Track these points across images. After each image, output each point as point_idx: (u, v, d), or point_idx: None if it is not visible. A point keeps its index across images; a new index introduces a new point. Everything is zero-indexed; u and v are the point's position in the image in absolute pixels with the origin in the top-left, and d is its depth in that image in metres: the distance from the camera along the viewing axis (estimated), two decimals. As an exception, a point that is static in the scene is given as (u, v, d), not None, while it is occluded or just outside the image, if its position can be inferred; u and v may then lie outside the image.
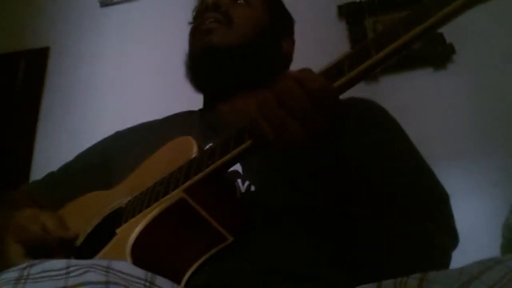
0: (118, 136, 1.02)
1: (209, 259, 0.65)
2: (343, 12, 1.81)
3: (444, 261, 0.72)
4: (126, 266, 0.49)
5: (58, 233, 0.74)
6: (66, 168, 1.02)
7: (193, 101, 1.07)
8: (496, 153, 1.49)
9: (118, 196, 0.80)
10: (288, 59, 1.05)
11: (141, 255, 0.61)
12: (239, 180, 0.76)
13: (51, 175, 1.03)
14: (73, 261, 0.46)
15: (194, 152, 0.71)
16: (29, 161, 1.93)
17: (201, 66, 0.94)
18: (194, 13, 1.04)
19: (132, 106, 1.91)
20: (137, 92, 1.94)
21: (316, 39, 1.71)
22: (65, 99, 2.03)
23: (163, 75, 1.92)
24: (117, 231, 0.69)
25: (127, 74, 1.99)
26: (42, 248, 0.73)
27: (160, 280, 0.50)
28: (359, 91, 1.14)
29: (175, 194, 0.64)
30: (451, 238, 0.74)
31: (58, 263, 0.45)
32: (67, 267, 0.44)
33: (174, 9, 2.03)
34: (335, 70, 0.58)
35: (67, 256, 0.74)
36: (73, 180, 0.98)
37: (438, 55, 1.63)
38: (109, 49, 2.08)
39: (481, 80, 1.60)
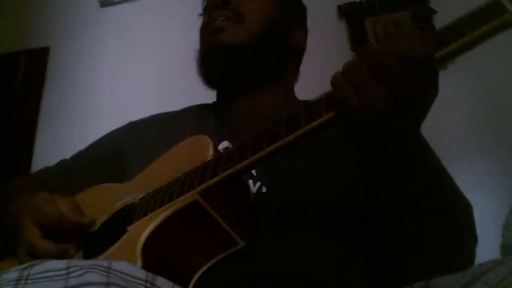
0: (132, 127, 1.02)
1: (219, 261, 0.65)
2: (343, 12, 1.81)
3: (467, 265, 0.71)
4: (126, 266, 0.49)
5: (75, 218, 0.74)
6: (79, 157, 1.02)
7: (193, 100, 1.06)
8: (496, 153, 1.49)
9: (131, 190, 0.79)
10: (301, 50, 1.03)
11: (152, 254, 0.61)
12: (250, 181, 0.76)
13: (63, 162, 1.03)
14: (73, 262, 0.46)
15: (210, 153, 0.70)
16: (29, 161, 1.93)
17: (213, 65, 0.93)
18: (204, 4, 1.02)
19: (132, 106, 1.90)
20: (137, 92, 1.94)
21: (316, 39, 1.70)
22: (65, 99, 2.03)
23: (163, 75, 1.92)
24: (128, 228, 0.69)
25: (127, 74, 1.99)
26: (58, 231, 0.74)
27: (160, 281, 0.50)
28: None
29: (189, 196, 0.64)
30: (475, 243, 0.73)
31: (58, 264, 0.45)
32: (67, 268, 0.44)
33: (174, 9, 2.03)
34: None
35: (80, 242, 0.75)
36: (85, 169, 0.98)
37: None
38: (109, 49, 2.07)
39: (481, 80, 1.60)
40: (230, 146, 0.68)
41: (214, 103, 1.02)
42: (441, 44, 0.51)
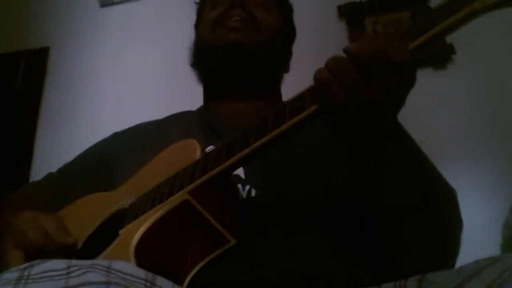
0: (117, 137, 1.02)
1: (213, 260, 0.65)
2: (343, 12, 1.81)
3: (457, 252, 0.73)
4: (126, 266, 0.49)
5: (59, 238, 0.73)
6: (66, 169, 1.02)
7: (194, 100, 1.06)
8: (496, 153, 1.49)
9: (120, 197, 0.79)
10: (286, 70, 1.06)
11: (145, 256, 0.61)
12: (239, 185, 0.76)
13: (50, 176, 1.02)
14: (74, 261, 0.46)
15: (198, 155, 0.71)
16: (29, 161, 1.93)
17: (221, 61, 0.93)
18: None
19: (132, 106, 1.91)
20: (137, 92, 1.94)
21: (316, 39, 1.71)
22: (65, 99, 2.03)
23: (163, 75, 1.92)
24: (120, 232, 0.69)
25: (127, 74, 1.99)
26: (42, 254, 0.71)
27: (160, 280, 0.50)
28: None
29: (180, 196, 0.64)
30: (461, 227, 0.75)
31: (58, 263, 0.45)
32: (68, 267, 0.44)
33: (174, 9, 2.03)
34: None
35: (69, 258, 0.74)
36: (73, 181, 0.97)
37: (438, 55, 1.63)
38: (109, 49, 2.07)
39: (481, 80, 1.60)
40: (218, 145, 0.68)
41: (198, 109, 1.02)
42: (414, 36, 0.55)
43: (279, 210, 0.74)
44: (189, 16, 1.12)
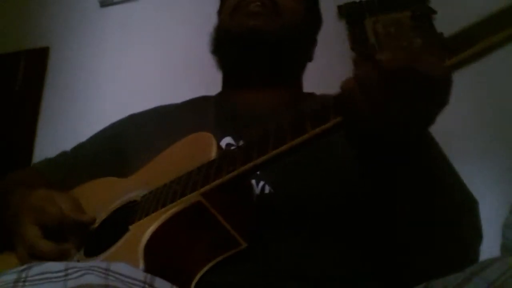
0: (133, 120, 1.01)
1: (221, 261, 0.65)
2: (343, 12, 1.81)
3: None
4: (125, 268, 0.49)
5: (75, 216, 0.73)
6: (80, 149, 1.01)
7: (193, 101, 1.06)
8: (496, 153, 1.49)
9: (132, 187, 0.79)
10: (310, 59, 1.03)
11: (153, 254, 0.60)
12: (253, 180, 0.75)
13: (64, 154, 1.02)
14: (72, 264, 0.46)
15: (213, 151, 0.69)
16: (29, 161, 1.93)
17: (241, 47, 0.91)
18: None
19: (132, 106, 1.90)
20: (137, 91, 1.94)
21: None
22: (65, 99, 2.03)
23: (163, 74, 1.92)
24: (130, 227, 0.68)
25: (127, 74, 1.99)
26: (58, 230, 0.73)
27: (159, 282, 0.50)
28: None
29: (192, 197, 0.63)
30: (481, 240, 0.73)
31: (56, 265, 0.45)
32: (66, 269, 0.44)
33: (174, 9, 2.03)
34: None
35: (81, 241, 0.74)
36: (86, 162, 0.97)
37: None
38: (109, 49, 2.07)
39: (481, 80, 1.60)
40: (234, 147, 0.67)
41: (216, 96, 1.01)
42: (453, 52, 0.49)
43: (290, 209, 0.73)
44: (189, 15, 1.12)
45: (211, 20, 1.08)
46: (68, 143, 1.95)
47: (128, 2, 2.14)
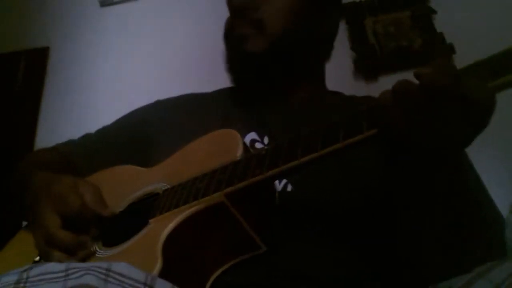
0: (160, 106, 1.01)
1: (238, 262, 0.65)
2: (343, 12, 1.80)
3: None
4: (126, 268, 0.49)
5: (96, 209, 0.74)
6: (104, 133, 1.01)
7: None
8: (496, 153, 1.49)
9: (154, 179, 0.78)
10: (333, 33, 1.00)
11: (172, 251, 0.60)
12: None
13: (88, 137, 1.02)
14: (72, 264, 0.46)
15: (239, 150, 0.69)
16: (29, 161, 1.93)
17: (240, 72, 0.92)
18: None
19: (132, 106, 1.90)
20: (137, 91, 1.94)
21: (316, 39, 1.71)
22: (65, 99, 2.03)
23: (163, 74, 1.91)
24: (151, 221, 0.68)
25: (127, 74, 1.99)
26: (78, 221, 0.73)
27: (160, 283, 0.50)
28: (359, 89, 1.14)
29: (216, 197, 0.63)
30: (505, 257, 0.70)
31: (57, 266, 0.45)
32: (66, 270, 0.45)
33: (174, 9, 2.03)
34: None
35: (99, 232, 0.74)
36: (110, 146, 0.97)
37: (438, 55, 1.62)
38: (109, 49, 2.07)
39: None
40: (262, 149, 0.66)
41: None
42: (496, 74, 0.47)
43: (308, 209, 0.73)
44: (189, 15, 1.12)
45: (210, 20, 1.08)
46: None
47: (128, 2, 2.14)
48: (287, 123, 0.85)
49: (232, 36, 0.91)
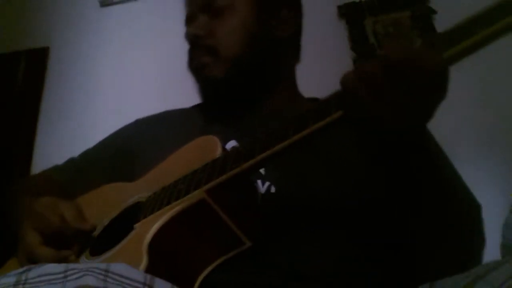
0: (141, 125, 1.02)
1: (226, 260, 0.65)
2: (343, 12, 1.80)
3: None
4: (125, 269, 0.49)
5: (76, 224, 0.74)
6: (87, 155, 1.02)
7: (193, 99, 1.06)
8: (496, 153, 1.49)
9: (139, 190, 0.79)
10: (295, 34, 0.99)
11: (158, 252, 0.61)
12: (259, 181, 0.76)
13: (71, 161, 1.03)
14: (71, 265, 0.46)
15: (218, 152, 0.70)
16: (29, 161, 1.93)
17: (209, 97, 0.94)
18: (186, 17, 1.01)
19: (132, 106, 1.90)
20: (137, 91, 1.94)
21: (316, 39, 1.70)
22: (65, 99, 2.03)
23: (163, 74, 1.92)
24: (135, 226, 0.69)
25: (127, 74, 1.99)
26: (59, 237, 0.74)
27: (159, 284, 0.50)
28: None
29: (196, 194, 0.64)
30: (483, 244, 0.73)
31: (56, 267, 0.45)
32: (65, 271, 0.45)
33: (174, 9, 2.02)
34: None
35: (83, 247, 0.75)
36: (94, 168, 0.98)
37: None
38: (109, 49, 2.07)
39: (481, 80, 1.60)
40: (238, 145, 0.68)
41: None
42: (450, 44, 0.52)
43: (293, 208, 0.74)
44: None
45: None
46: (68, 143, 1.95)
47: (128, 2, 2.14)
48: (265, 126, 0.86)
49: (193, 65, 0.93)
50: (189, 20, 0.95)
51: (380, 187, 0.68)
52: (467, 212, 0.70)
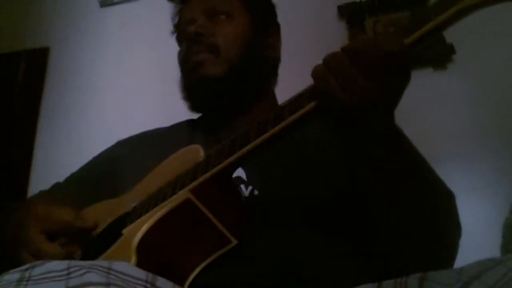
0: (120, 146, 1.03)
1: (216, 261, 0.65)
2: (343, 12, 1.81)
3: (455, 255, 0.74)
4: (127, 267, 0.49)
5: (79, 223, 0.75)
6: (72, 179, 1.02)
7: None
8: (496, 153, 1.49)
9: (127, 203, 0.80)
10: (278, 58, 1.03)
11: (146, 254, 0.61)
12: (242, 186, 0.77)
13: (57, 185, 1.03)
14: (74, 262, 0.46)
15: (201, 158, 0.72)
16: (29, 161, 1.93)
17: (199, 97, 0.94)
18: (175, 21, 1.04)
19: (132, 106, 1.91)
20: (137, 91, 1.94)
21: (316, 39, 1.71)
22: (65, 99, 2.03)
23: (163, 74, 1.91)
24: (123, 231, 0.70)
25: (127, 74, 1.99)
26: (61, 236, 0.74)
27: (161, 281, 0.50)
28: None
29: (182, 194, 0.65)
30: (459, 231, 0.75)
31: (59, 264, 0.45)
32: (68, 268, 0.45)
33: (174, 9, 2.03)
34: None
35: (82, 246, 0.75)
36: (79, 191, 0.98)
37: (438, 55, 1.63)
38: (109, 49, 2.08)
39: (481, 80, 1.60)
40: (219, 145, 0.69)
41: (201, 118, 1.03)
42: (409, 31, 0.57)
43: (279, 209, 0.75)
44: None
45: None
46: (68, 143, 1.95)
47: (128, 2, 2.14)
48: None
49: (189, 63, 0.94)
50: (190, 22, 0.96)
51: (354, 180, 0.70)
52: (441, 199, 0.72)
